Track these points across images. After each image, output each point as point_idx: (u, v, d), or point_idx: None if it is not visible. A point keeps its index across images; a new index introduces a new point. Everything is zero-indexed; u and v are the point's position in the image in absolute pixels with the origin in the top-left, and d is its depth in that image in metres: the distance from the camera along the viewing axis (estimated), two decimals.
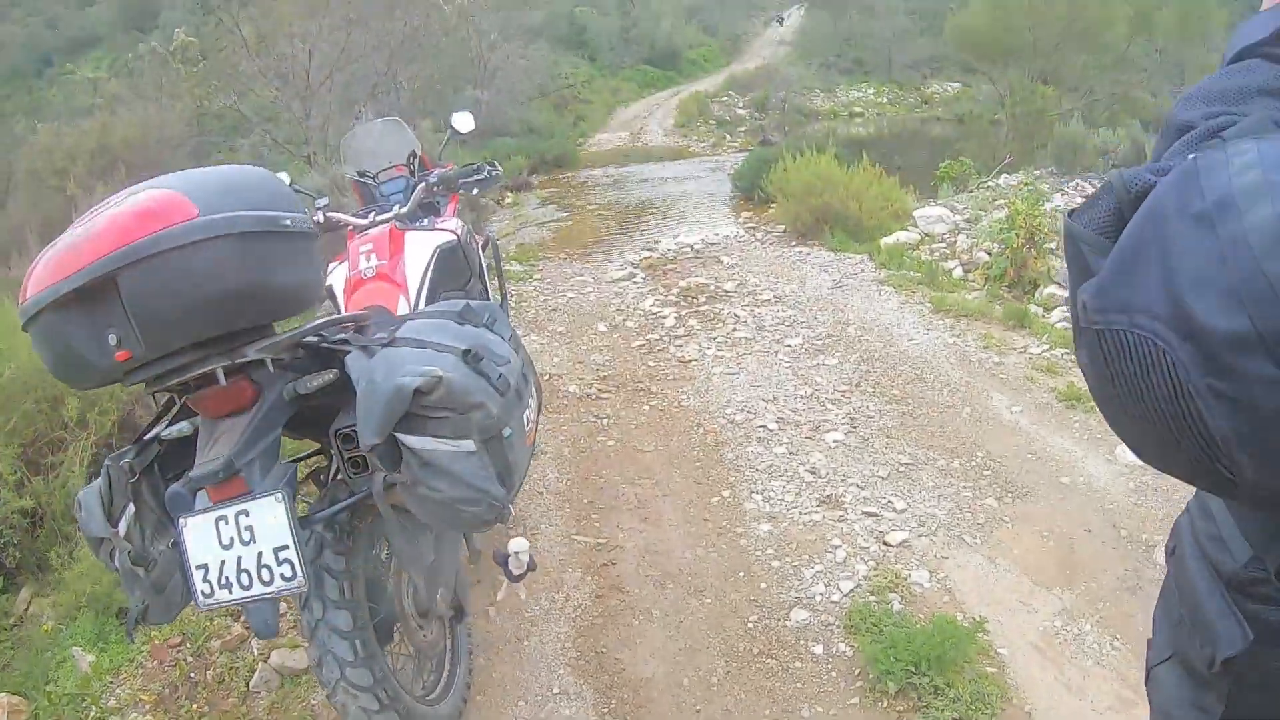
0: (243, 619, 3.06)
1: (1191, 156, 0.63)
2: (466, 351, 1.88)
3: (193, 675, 2.89)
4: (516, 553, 2.81)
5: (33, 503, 3.49)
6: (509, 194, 12.76)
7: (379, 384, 1.78)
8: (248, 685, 2.84)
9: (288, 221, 1.81)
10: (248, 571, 1.81)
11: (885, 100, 32.69)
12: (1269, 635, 0.78)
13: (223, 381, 1.81)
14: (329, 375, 1.96)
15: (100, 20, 34.25)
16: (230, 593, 1.83)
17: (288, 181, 3.28)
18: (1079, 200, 5.17)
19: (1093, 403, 3.32)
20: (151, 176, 1.81)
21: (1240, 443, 0.58)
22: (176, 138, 12.68)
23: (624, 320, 6.40)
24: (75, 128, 11.48)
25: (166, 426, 2.00)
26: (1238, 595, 0.80)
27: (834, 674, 2.76)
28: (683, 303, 6.69)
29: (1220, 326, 0.56)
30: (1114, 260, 0.65)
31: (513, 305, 6.34)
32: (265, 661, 2.90)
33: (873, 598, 3.05)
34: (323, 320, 2.05)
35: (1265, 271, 0.55)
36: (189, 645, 3.01)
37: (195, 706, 2.77)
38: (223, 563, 1.82)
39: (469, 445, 1.83)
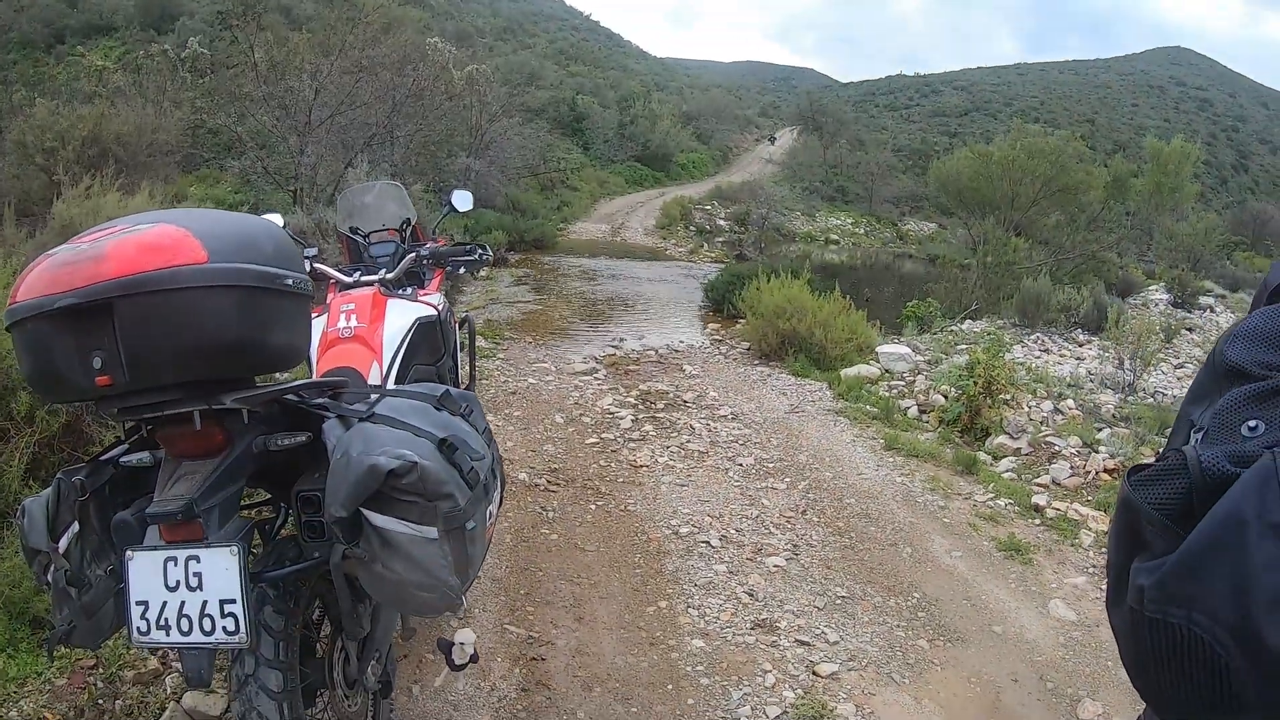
0: (160, 654, 2.99)
1: (1266, 447, 0.64)
2: (443, 441, 1.90)
3: (101, 702, 2.79)
4: (461, 643, 2.79)
5: None
6: (484, 268, 12.86)
7: (354, 459, 1.79)
8: None
9: (290, 281, 1.83)
10: (189, 618, 1.78)
11: (862, 231, 33.48)
12: None
13: (197, 425, 1.81)
14: (302, 437, 1.97)
15: (120, 10, 34.28)
16: (168, 635, 1.80)
17: (280, 225, 3.32)
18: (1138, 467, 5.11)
19: (1030, 556, 3.39)
20: (140, 179, 1.80)
21: None
22: (169, 144, 12.57)
23: (581, 415, 6.45)
24: (72, 111, 11.33)
25: (126, 453, 1.99)
26: None
27: None
28: (641, 406, 6.77)
29: None
30: (1184, 554, 0.65)
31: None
32: (177, 702, 2.82)
33: None
34: (303, 381, 2.06)
35: None
36: (101, 670, 2.91)
37: None
38: (164, 604, 1.79)
39: (432, 532, 1.84)
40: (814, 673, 3.40)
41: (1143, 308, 16.81)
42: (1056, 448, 5.99)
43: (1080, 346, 11.52)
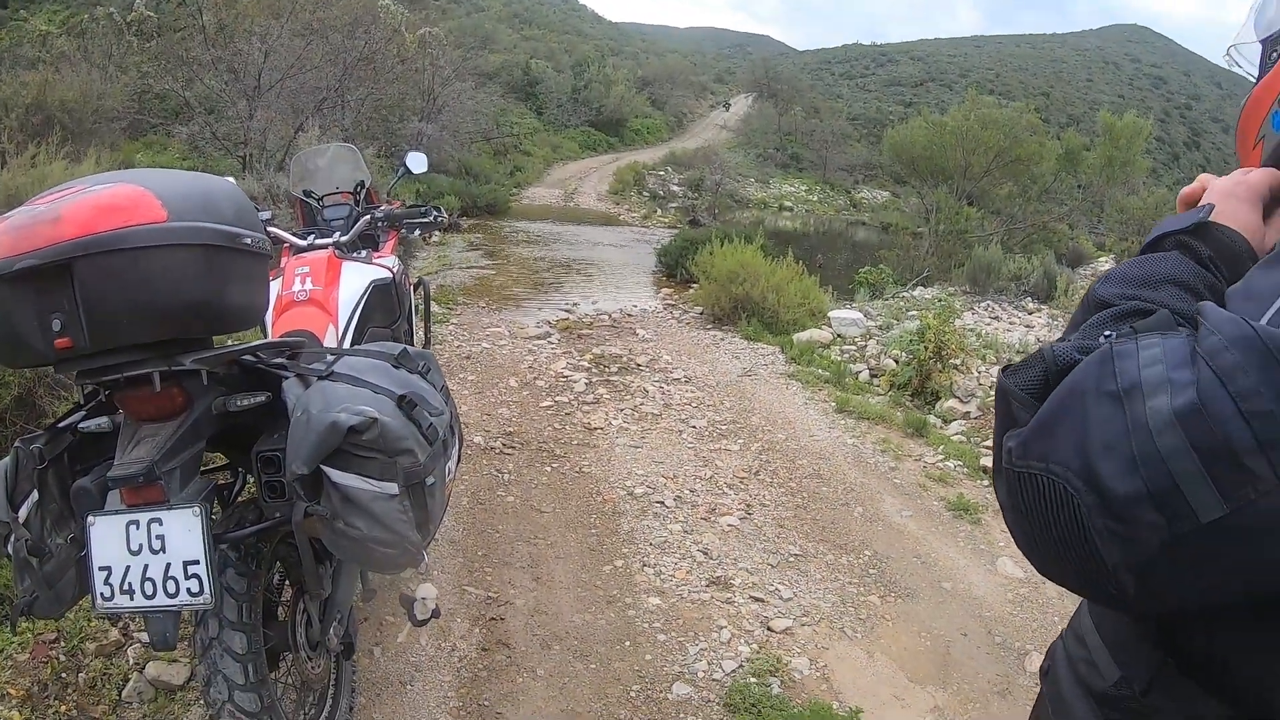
0: (121, 625, 2.99)
1: (1107, 340, 0.79)
2: (402, 397, 1.92)
3: (64, 676, 2.79)
4: (424, 598, 2.81)
5: None
6: (436, 233, 12.78)
7: (315, 416, 1.80)
8: (120, 694, 2.76)
9: (248, 240, 1.83)
10: (153, 581, 1.79)
11: (816, 198, 33.61)
12: None
13: (157, 386, 1.81)
14: (261, 397, 1.97)
15: None
16: (132, 599, 1.80)
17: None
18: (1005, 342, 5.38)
19: (978, 515, 3.50)
20: (87, 146, 1.76)
21: (1126, 568, 0.73)
22: (115, 110, 12.27)
23: (535, 379, 6.47)
24: (16, 78, 11.00)
25: (84, 419, 1.98)
26: (1108, 711, 0.93)
27: None
28: (594, 370, 6.80)
29: (1119, 482, 0.71)
30: (1039, 419, 0.80)
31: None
32: (140, 672, 2.83)
33: (753, 679, 3.13)
34: (261, 342, 2.07)
35: (1158, 445, 0.70)
36: (63, 644, 2.90)
37: (64, 708, 2.68)
38: (128, 568, 1.79)
39: (392, 488, 1.85)
40: (768, 628, 3.48)
41: (1092, 278, 17.06)
42: None
43: (1030, 314, 11.66)
